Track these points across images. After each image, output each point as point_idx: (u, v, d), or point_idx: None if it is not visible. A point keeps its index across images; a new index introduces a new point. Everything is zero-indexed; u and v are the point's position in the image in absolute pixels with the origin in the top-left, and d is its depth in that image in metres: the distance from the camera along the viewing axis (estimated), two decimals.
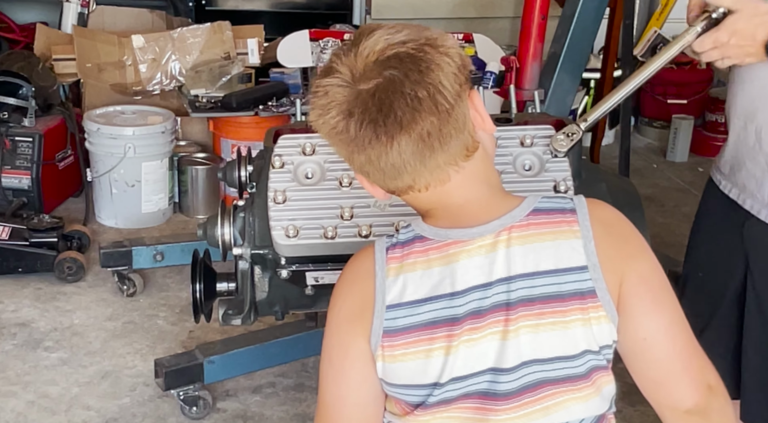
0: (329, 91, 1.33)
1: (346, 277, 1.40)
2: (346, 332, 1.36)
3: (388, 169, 1.31)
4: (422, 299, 1.33)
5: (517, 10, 4.92)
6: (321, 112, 1.34)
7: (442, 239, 1.34)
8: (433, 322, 1.32)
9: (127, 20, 4.87)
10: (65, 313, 3.47)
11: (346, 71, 1.32)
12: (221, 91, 4.29)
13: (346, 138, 1.31)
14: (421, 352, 1.33)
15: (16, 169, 4.11)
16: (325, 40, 4.19)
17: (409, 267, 1.34)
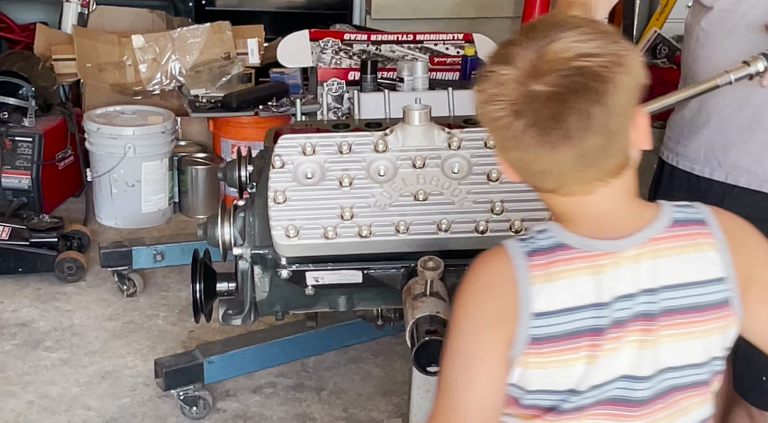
0: (503, 82, 1.30)
1: (480, 282, 1.38)
2: (486, 338, 1.35)
3: (537, 172, 1.32)
4: (568, 309, 1.34)
5: (517, 10, 4.92)
6: (487, 100, 1.32)
7: (589, 250, 1.35)
8: (577, 332, 1.34)
9: (127, 20, 4.86)
10: (65, 313, 3.47)
11: (524, 65, 1.29)
12: (221, 91, 4.29)
13: (507, 134, 1.30)
14: (565, 361, 1.34)
15: (16, 169, 4.11)
16: (325, 40, 4.19)
17: (555, 276, 1.34)
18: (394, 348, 3.23)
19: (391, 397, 3.01)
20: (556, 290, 1.34)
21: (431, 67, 4.10)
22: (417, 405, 2.02)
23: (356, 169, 1.87)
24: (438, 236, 1.80)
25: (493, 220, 1.81)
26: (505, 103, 1.29)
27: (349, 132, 1.95)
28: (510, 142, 1.31)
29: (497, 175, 1.85)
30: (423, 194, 1.83)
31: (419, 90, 3.81)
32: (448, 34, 4.34)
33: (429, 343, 1.60)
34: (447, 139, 1.89)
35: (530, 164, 1.32)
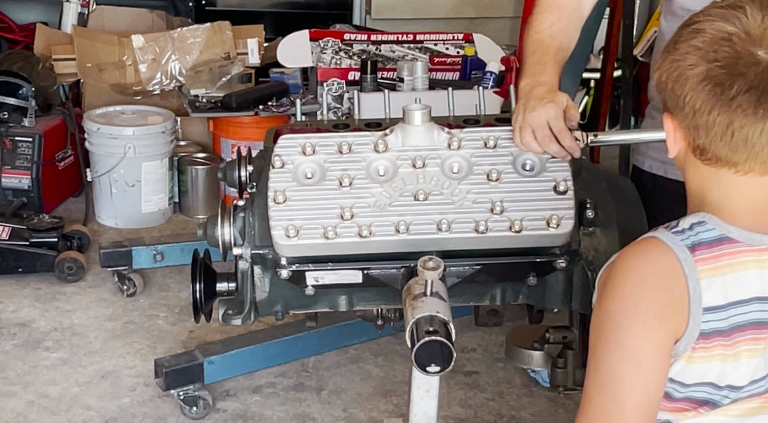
0: (726, 39, 1.30)
1: (644, 274, 1.36)
2: (656, 333, 1.34)
3: (734, 140, 1.31)
4: (736, 302, 1.34)
5: (517, 10, 4.93)
6: (701, 54, 1.31)
7: (755, 244, 1.35)
8: (743, 325, 1.35)
9: (127, 20, 4.86)
10: (65, 313, 3.47)
11: (750, 29, 1.30)
12: (221, 91, 4.29)
13: (716, 91, 1.30)
14: (730, 355, 1.35)
15: (16, 169, 4.11)
16: (325, 40, 4.19)
17: (722, 270, 1.34)
18: (394, 348, 3.23)
19: (391, 397, 3.01)
20: (724, 284, 1.34)
21: (431, 67, 4.10)
22: (417, 405, 2.01)
23: (356, 169, 1.87)
24: (438, 236, 1.80)
25: (493, 220, 1.80)
26: (725, 61, 1.29)
27: (349, 132, 1.95)
28: (715, 101, 1.30)
29: (497, 175, 1.85)
30: (423, 194, 1.83)
31: (419, 90, 3.81)
32: (448, 34, 4.34)
33: (429, 343, 1.59)
34: (447, 139, 1.89)
35: (731, 130, 1.30)
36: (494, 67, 3.89)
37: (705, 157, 1.36)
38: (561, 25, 1.96)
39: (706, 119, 1.31)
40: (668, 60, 1.36)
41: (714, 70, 1.30)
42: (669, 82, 1.35)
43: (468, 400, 3.02)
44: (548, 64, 1.90)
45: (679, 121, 1.36)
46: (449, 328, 1.62)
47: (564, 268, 1.84)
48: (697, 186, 1.41)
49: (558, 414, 2.97)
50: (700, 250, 1.35)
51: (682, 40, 1.35)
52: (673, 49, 1.35)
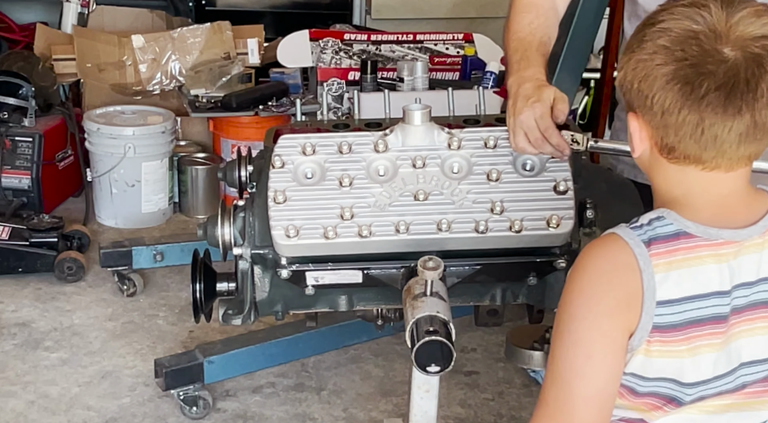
0: (691, 37, 1.31)
1: (600, 269, 1.37)
2: (609, 326, 1.35)
3: (704, 137, 1.31)
4: (692, 297, 1.34)
5: None
6: (669, 53, 1.31)
7: (712, 238, 1.35)
8: (700, 320, 1.35)
9: (127, 20, 4.86)
10: (65, 313, 3.47)
11: (712, 25, 1.31)
12: (221, 91, 4.29)
13: (685, 90, 1.30)
14: (688, 350, 1.35)
15: (16, 169, 4.11)
16: (325, 40, 4.20)
17: (677, 264, 1.34)
18: (394, 348, 3.23)
19: (391, 397, 3.01)
20: (679, 278, 1.34)
21: (431, 67, 4.10)
22: (417, 405, 2.01)
23: (356, 169, 1.87)
24: (438, 236, 1.80)
25: (493, 220, 1.81)
26: (693, 60, 1.29)
27: (349, 132, 1.95)
28: (684, 100, 1.30)
29: (497, 175, 1.85)
30: (423, 194, 1.83)
31: (419, 90, 3.81)
32: (448, 34, 4.35)
33: (429, 343, 1.60)
34: (447, 139, 1.89)
35: (702, 128, 1.30)
36: (494, 67, 3.89)
37: (672, 156, 1.36)
38: (539, 22, 1.97)
39: (676, 118, 1.31)
40: (634, 59, 1.35)
41: (683, 69, 1.30)
42: (635, 82, 1.35)
43: (468, 400, 3.02)
44: (531, 58, 1.90)
45: (646, 120, 1.36)
46: (449, 328, 1.62)
47: (564, 268, 1.84)
48: (661, 184, 1.41)
49: None
50: (656, 244, 1.35)
51: (647, 39, 1.34)
52: (639, 49, 1.35)
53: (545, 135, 1.79)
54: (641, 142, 1.39)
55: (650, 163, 1.41)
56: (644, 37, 1.35)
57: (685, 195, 1.38)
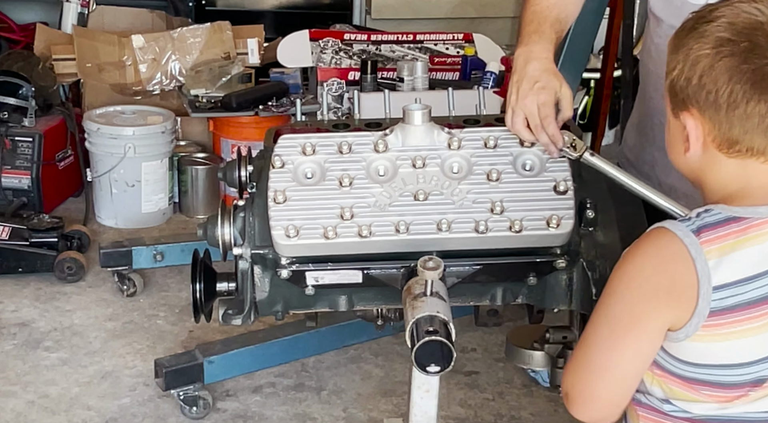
0: (755, 28, 1.34)
1: (648, 256, 1.39)
2: (641, 310, 1.38)
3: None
4: (746, 279, 1.36)
5: (517, 10, 4.92)
6: (734, 45, 1.34)
7: (760, 217, 1.37)
8: (757, 300, 1.36)
9: (127, 20, 4.87)
10: (65, 313, 3.47)
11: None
12: (221, 91, 4.29)
13: (754, 79, 1.32)
14: (748, 331, 1.37)
15: (16, 169, 4.11)
16: (325, 40, 4.20)
17: (728, 248, 1.36)
18: (394, 348, 3.23)
19: (391, 397, 3.01)
20: (732, 262, 1.35)
21: (431, 67, 4.10)
22: (417, 405, 2.01)
23: (356, 169, 1.87)
24: (438, 236, 1.80)
25: (493, 220, 1.80)
26: (761, 51, 1.32)
27: (349, 132, 1.95)
28: (756, 92, 1.32)
29: (497, 175, 1.85)
30: (423, 194, 1.83)
31: (419, 90, 3.81)
32: (448, 34, 4.35)
33: (429, 343, 1.59)
34: (447, 139, 1.89)
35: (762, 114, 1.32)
36: (494, 67, 3.89)
37: (734, 150, 1.37)
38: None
39: (744, 109, 1.33)
40: (693, 55, 1.36)
41: (751, 60, 1.32)
42: (695, 77, 1.36)
43: (468, 400, 3.02)
44: (545, 33, 1.87)
45: (707, 116, 1.37)
46: (449, 328, 1.62)
47: (564, 268, 1.84)
48: (716, 182, 1.42)
49: (558, 414, 2.97)
50: (705, 232, 1.37)
51: (708, 33, 1.35)
52: (698, 44, 1.36)
53: (543, 123, 1.79)
54: (697, 140, 1.40)
55: (703, 162, 1.42)
56: (704, 32, 1.36)
57: (743, 189, 1.39)
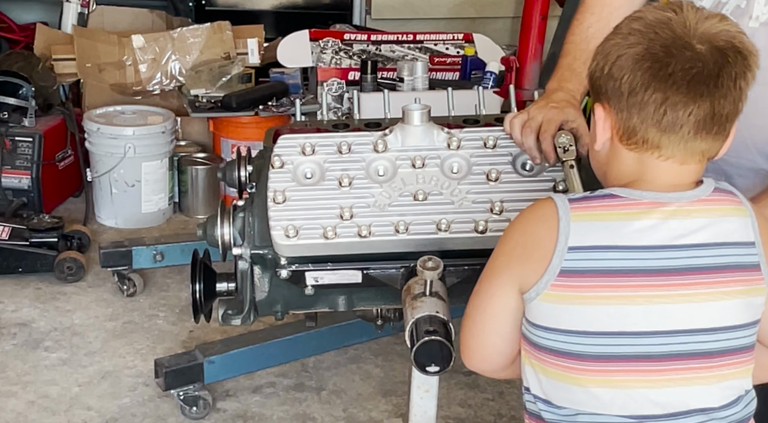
0: (663, 22, 1.39)
1: (521, 218, 1.48)
2: (505, 263, 1.46)
3: (665, 119, 1.37)
4: (601, 247, 1.40)
5: (517, 10, 4.92)
6: (642, 35, 1.39)
7: (636, 198, 1.41)
8: (612, 271, 1.39)
9: (127, 20, 4.87)
10: (65, 313, 3.47)
11: (684, 18, 1.39)
12: (221, 91, 4.29)
13: (654, 68, 1.37)
14: (596, 299, 1.39)
15: (16, 169, 4.11)
16: (325, 40, 4.20)
17: (593, 216, 1.41)
18: (394, 348, 3.23)
19: (390, 397, 3.01)
20: (593, 229, 1.40)
21: (431, 67, 4.10)
22: (416, 405, 2.02)
23: (356, 169, 1.87)
24: (437, 236, 1.80)
25: (492, 220, 1.81)
26: (664, 41, 1.37)
27: (349, 132, 1.95)
28: (655, 80, 1.36)
29: (496, 175, 1.85)
30: (422, 194, 1.83)
31: (419, 90, 3.81)
32: (448, 34, 4.35)
33: (428, 343, 1.60)
34: (446, 139, 1.89)
35: (665, 108, 1.36)
36: (494, 67, 3.89)
37: (632, 141, 1.41)
38: (599, 26, 1.93)
39: (642, 96, 1.37)
40: (607, 45, 1.42)
41: (654, 48, 1.37)
42: (606, 67, 1.41)
43: (468, 400, 3.02)
44: (576, 70, 1.92)
45: (612, 105, 1.42)
46: (449, 328, 1.62)
47: None
48: (615, 173, 1.46)
49: None
50: (580, 201, 1.43)
51: (622, 26, 1.42)
52: (613, 35, 1.42)
53: (540, 137, 1.81)
54: (604, 132, 1.44)
55: (608, 155, 1.47)
56: (619, 25, 1.43)
57: (636, 182, 1.43)
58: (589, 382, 1.41)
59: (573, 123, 1.83)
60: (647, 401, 1.41)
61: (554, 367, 1.44)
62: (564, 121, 1.82)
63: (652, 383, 1.41)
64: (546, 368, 1.45)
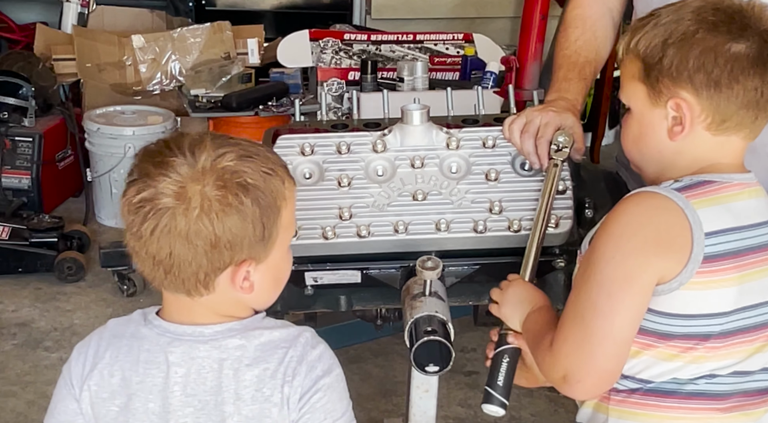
0: (743, 16, 1.44)
1: (633, 212, 1.43)
2: (634, 264, 1.40)
3: (763, 99, 1.42)
4: (727, 229, 1.42)
5: (517, 10, 4.92)
6: (727, 31, 1.42)
7: (727, 181, 1.45)
8: (736, 252, 1.42)
9: (127, 20, 4.87)
10: (65, 313, 3.47)
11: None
12: (221, 91, 4.28)
13: (753, 58, 1.41)
14: (726, 281, 1.42)
15: (16, 169, 4.11)
16: (325, 40, 4.19)
17: (711, 201, 1.43)
18: (394, 348, 3.23)
19: (390, 397, 3.01)
20: (716, 213, 1.42)
21: (431, 67, 4.09)
22: (416, 405, 2.01)
23: (355, 169, 1.87)
24: (436, 236, 1.80)
25: (491, 220, 1.81)
26: (754, 40, 1.42)
27: (348, 132, 1.95)
28: (755, 69, 1.41)
29: (496, 175, 1.85)
30: (421, 194, 1.83)
31: (419, 90, 3.80)
32: (448, 34, 4.34)
33: (427, 343, 1.60)
34: (446, 139, 1.89)
35: (762, 91, 1.41)
36: (494, 67, 3.88)
37: (724, 125, 1.44)
38: (586, 37, 1.99)
39: (743, 84, 1.41)
40: (695, 39, 1.42)
41: (748, 45, 1.41)
42: (696, 63, 1.41)
43: (468, 400, 3.01)
44: (573, 80, 1.95)
45: (703, 97, 1.42)
46: (448, 328, 1.62)
47: (563, 267, 1.84)
48: (691, 160, 1.47)
49: (558, 414, 2.97)
50: (684, 190, 1.43)
51: (701, 21, 1.43)
52: (693, 35, 1.43)
53: (537, 141, 1.82)
54: (691, 124, 1.44)
55: (678, 146, 1.47)
56: (691, 23, 1.44)
57: (712, 165, 1.46)
58: (719, 357, 1.45)
59: (570, 129, 1.83)
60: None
61: (688, 352, 1.44)
62: (561, 126, 1.83)
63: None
64: (678, 354, 1.45)
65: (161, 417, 1.38)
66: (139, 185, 1.31)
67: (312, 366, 1.42)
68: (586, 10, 2.02)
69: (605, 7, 2.03)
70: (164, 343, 1.38)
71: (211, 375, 1.37)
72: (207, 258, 1.31)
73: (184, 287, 1.34)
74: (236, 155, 1.31)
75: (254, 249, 1.33)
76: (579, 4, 2.04)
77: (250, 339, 1.38)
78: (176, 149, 1.31)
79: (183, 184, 1.29)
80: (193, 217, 1.28)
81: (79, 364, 1.42)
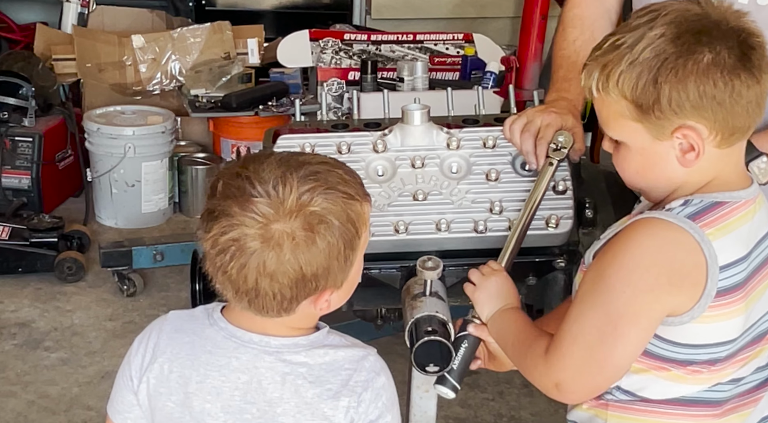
0: (737, 36, 1.41)
1: (646, 246, 1.39)
2: (643, 302, 1.38)
3: (763, 104, 1.40)
4: (740, 259, 1.40)
5: (517, 10, 4.92)
6: (715, 53, 1.39)
7: (736, 200, 1.42)
8: (745, 280, 1.41)
9: (127, 20, 4.86)
10: (65, 313, 3.47)
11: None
12: (221, 91, 4.29)
13: (746, 67, 1.38)
14: (737, 311, 1.40)
15: (16, 169, 4.11)
16: (325, 40, 4.19)
17: (725, 229, 1.40)
18: (394, 348, 3.21)
19: None
20: (730, 243, 1.39)
21: (431, 67, 4.09)
22: (416, 405, 2.01)
23: (355, 169, 1.87)
24: (437, 236, 1.80)
25: (492, 220, 1.81)
26: (738, 51, 1.38)
27: (348, 132, 1.95)
28: (752, 80, 1.38)
29: (496, 175, 1.85)
30: (422, 194, 1.83)
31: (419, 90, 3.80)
32: (448, 34, 4.34)
33: (428, 343, 1.60)
34: (446, 139, 1.89)
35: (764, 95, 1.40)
36: (494, 67, 3.89)
37: (732, 139, 1.41)
38: (585, 37, 1.97)
39: (746, 97, 1.38)
40: (686, 70, 1.36)
41: (737, 57, 1.37)
42: (696, 93, 1.36)
43: (468, 400, 3.01)
44: (573, 80, 1.92)
45: (710, 119, 1.38)
46: (448, 328, 1.62)
47: (563, 267, 1.84)
48: (697, 177, 1.43)
49: (558, 414, 2.96)
50: (698, 218, 1.39)
51: (681, 47, 1.37)
52: (684, 68, 1.36)
53: (537, 141, 1.82)
54: (703, 147, 1.39)
55: (692, 167, 1.42)
56: (684, 44, 1.38)
57: (717, 177, 1.43)
58: (723, 375, 1.45)
59: (571, 131, 1.83)
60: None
61: (693, 375, 1.44)
62: (562, 128, 1.82)
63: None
64: (683, 376, 1.44)
65: (217, 419, 1.39)
66: (224, 225, 1.32)
67: (377, 394, 1.40)
68: (584, 10, 2.02)
69: (603, 7, 2.02)
70: (230, 347, 1.40)
71: (273, 386, 1.38)
72: (292, 292, 1.34)
73: (267, 314, 1.37)
74: (320, 191, 1.32)
75: (338, 277, 1.36)
76: (577, 4, 2.03)
77: (315, 357, 1.40)
78: (259, 186, 1.32)
79: (269, 225, 1.30)
80: (280, 259, 1.31)
81: (139, 356, 1.43)
